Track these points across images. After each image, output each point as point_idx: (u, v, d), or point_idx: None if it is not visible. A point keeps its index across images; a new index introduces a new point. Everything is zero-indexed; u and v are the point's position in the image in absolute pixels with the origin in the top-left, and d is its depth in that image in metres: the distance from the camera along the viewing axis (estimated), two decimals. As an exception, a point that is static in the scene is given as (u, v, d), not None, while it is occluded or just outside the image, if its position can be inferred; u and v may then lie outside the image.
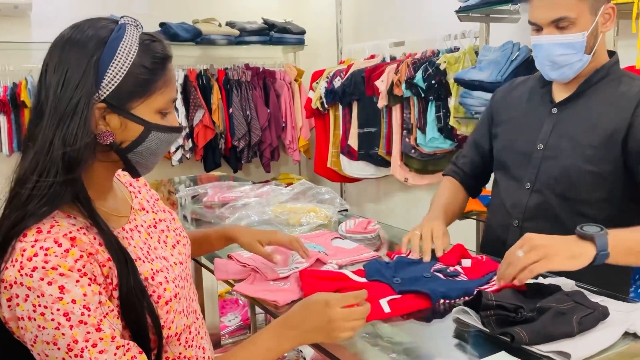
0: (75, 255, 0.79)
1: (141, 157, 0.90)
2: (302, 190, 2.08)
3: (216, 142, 4.03)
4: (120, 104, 0.85)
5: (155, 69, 0.87)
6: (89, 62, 0.82)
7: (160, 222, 1.04)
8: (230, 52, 4.28)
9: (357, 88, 3.36)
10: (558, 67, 1.34)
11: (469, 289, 1.19)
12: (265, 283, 1.30)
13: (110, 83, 0.83)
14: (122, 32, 0.85)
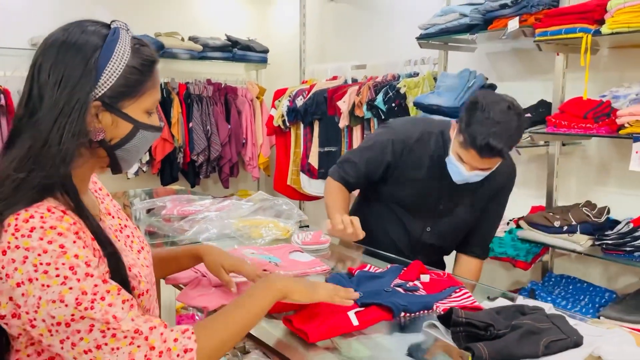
0: (69, 221, 0.83)
1: (127, 154, 0.94)
2: (261, 204, 2.09)
3: (174, 156, 3.98)
4: (113, 102, 0.89)
5: (145, 71, 0.92)
6: (88, 62, 0.86)
7: (125, 228, 1.06)
8: (192, 67, 4.26)
9: (319, 107, 3.42)
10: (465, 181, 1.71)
11: (428, 303, 1.23)
12: (208, 288, 1.31)
13: (106, 83, 0.88)
14: (117, 36, 0.90)
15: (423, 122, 1.90)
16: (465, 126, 1.59)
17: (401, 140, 1.82)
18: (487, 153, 1.56)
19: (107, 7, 3.96)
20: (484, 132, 1.54)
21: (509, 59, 2.78)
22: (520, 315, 1.10)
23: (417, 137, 1.81)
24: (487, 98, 1.61)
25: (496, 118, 1.54)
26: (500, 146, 1.55)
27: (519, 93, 2.70)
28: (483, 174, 1.67)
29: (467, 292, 1.29)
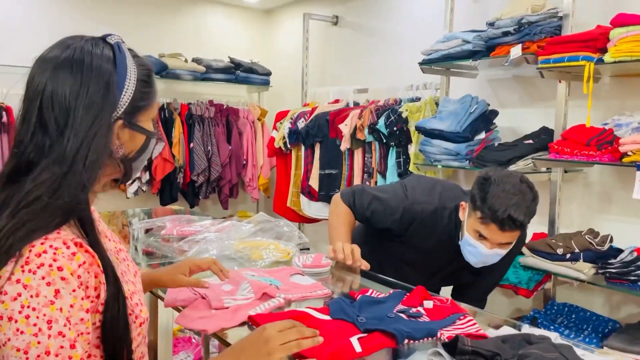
0: (79, 260, 0.80)
1: (140, 163, 0.97)
2: (262, 225, 2.07)
3: (174, 176, 3.97)
4: (131, 118, 0.91)
5: (150, 81, 0.94)
6: (109, 86, 0.86)
7: (120, 252, 1.03)
8: (195, 88, 4.29)
9: (320, 130, 3.42)
10: (484, 263, 1.70)
11: (432, 330, 1.20)
12: (207, 311, 1.30)
13: (124, 101, 0.89)
14: (123, 53, 0.90)
15: (441, 194, 1.83)
16: (481, 202, 1.58)
17: (413, 212, 1.80)
18: (510, 226, 1.55)
19: (111, 27, 4.00)
20: (504, 204, 1.54)
21: (511, 86, 2.79)
22: (526, 345, 1.08)
23: (431, 210, 1.79)
24: (498, 173, 1.63)
25: (512, 190, 1.55)
26: (522, 218, 1.55)
27: (520, 119, 2.74)
28: (502, 252, 1.64)
29: (471, 320, 1.27)
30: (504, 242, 1.62)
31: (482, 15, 2.77)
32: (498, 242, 1.61)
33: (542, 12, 2.30)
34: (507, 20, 2.34)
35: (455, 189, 1.88)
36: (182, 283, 1.32)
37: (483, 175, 1.63)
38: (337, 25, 3.98)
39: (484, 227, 1.59)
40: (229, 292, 1.43)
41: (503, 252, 1.65)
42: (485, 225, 1.59)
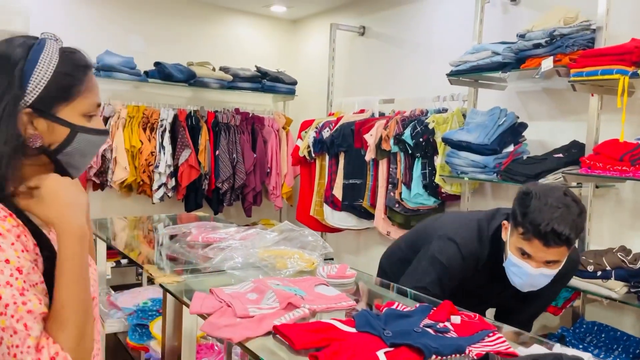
0: (12, 222, 0.87)
1: (71, 158, 0.97)
2: (287, 234, 2.07)
3: (200, 183, 4.01)
4: (45, 108, 0.92)
5: (77, 75, 0.95)
6: (14, 71, 0.90)
7: None
8: (222, 96, 4.34)
9: (345, 140, 3.42)
10: (531, 286, 1.60)
11: (461, 347, 1.18)
12: (232, 319, 1.30)
13: (35, 90, 0.91)
14: (42, 45, 0.94)
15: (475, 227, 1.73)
16: (522, 217, 1.50)
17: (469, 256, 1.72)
18: (554, 240, 1.47)
19: (142, 36, 4.08)
20: (547, 218, 1.46)
21: (540, 99, 2.75)
22: (559, 364, 1.05)
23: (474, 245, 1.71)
24: (539, 187, 1.55)
25: (555, 204, 1.48)
26: (567, 232, 1.46)
27: (549, 133, 2.69)
28: (550, 272, 1.55)
29: (501, 337, 1.24)
30: (550, 259, 1.52)
31: (512, 27, 2.74)
32: (543, 260, 1.52)
33: (574, 24, 2.26)
34: (538, 32, 2.31)
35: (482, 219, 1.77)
36: None
37: (523, 190, 1.56)
38: (364, 36, 3.98)
39: (527, 243, 1.51)
40: (254, 300, 1.43)
41: (551, 273, 1.55)
42: (528, 241, 1.50)
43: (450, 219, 1.87)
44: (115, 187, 3.80)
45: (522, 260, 1.55)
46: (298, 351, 1.15)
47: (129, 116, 3.78)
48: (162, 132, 3.85)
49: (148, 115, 3.85)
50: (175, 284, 1.60)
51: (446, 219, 1.91)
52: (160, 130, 3.85)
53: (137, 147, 3.77)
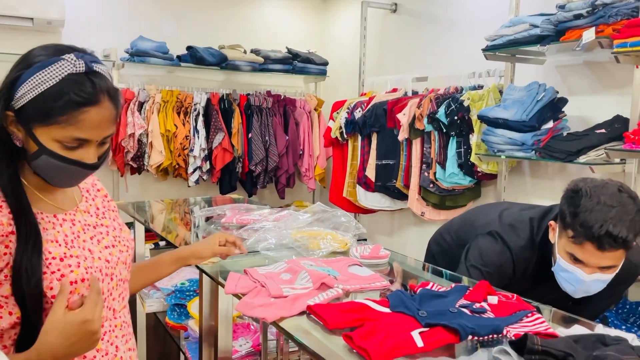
0: None
1: (42, 171, 0.99)
2: (319, 215, 2.07)
3: (233, 166, 4.04)
4: (23, 120, 0.96)
5: (61, 107, 0.94)
6: (13, 76, 0.96)
7: (100, 227, 1.14)
8: (253, 79, 4.34)
9: (377, 120, 3.38)
10: (585, 292, 1.46)
11: (499, 327, 1.15)
12: (266, 299, 1.31)
13: (21, 99, 0.95)
14: (48, 64, 0.94)
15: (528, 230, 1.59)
16: (572, 218, 1.36)
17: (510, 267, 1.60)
18: (609, 243, 1.33)
19: (174, 21, 4.11)
20: (600, 218, 1.32)
21: (581, 72, 2.64)
22: (601, 346, 1.02)
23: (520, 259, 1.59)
24: (589, 183, 1.40)
25: (609, 202, 1.33)
26: (624, 233, 1.31)
27: (591, 108, 2.58)
28: (605, 277, 1.40)
29: (540, 317, 1.21)
30: (605, 265, 1.37)
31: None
32: (598, 265, 1.38)
33: (618, -8, 2.15)
34: (579, 3, 2.21)
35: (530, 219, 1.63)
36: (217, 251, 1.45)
37: (572, 188, 1.41)
38: (396, 13, 3.90)
39: (578, 248, 1.38)
40: (288, 281, 1.44)
41: (606, 278, 1.40)
42: (580, 245, 1.37)
43: (502, 215, 1.71)
44: (152, 171, 3.87)
45: (573, 265, 1.41)
46: (332, 331, 1.15)
47: (163, 101, 3.83)
48: (196, 116, 3.89)
49: (182, 99, 3.89)
50: (210, 265, 1.62)
51: (496, 213, 1.75)
52: (193, 114, 3.89)
53: (172, 131, 3.82)
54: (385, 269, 1.68)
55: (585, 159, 2.18)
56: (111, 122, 1.00)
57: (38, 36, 3.66)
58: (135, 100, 3.77)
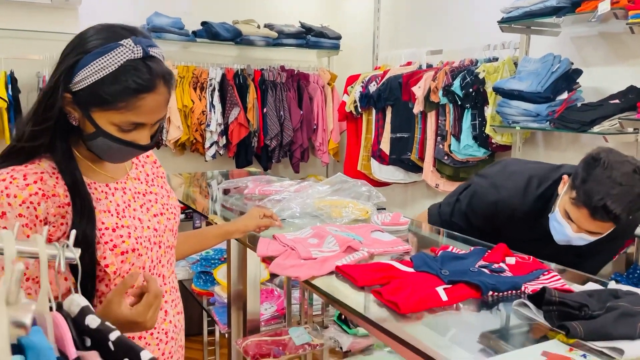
0: (31, 190, 0.98)
1: (97, 150, 1.05)
2: (340, 185, 2.14)
3: (249, 140, 4.12)
4: (81, 102, 1.00)
5: (118, 93, 0.97)
6: (73, 60, 0.98)
7: (149, 194, 1.20)
8: (267, 54, 4.38)
9: (392, 93, 3.42)
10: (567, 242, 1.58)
11: (517, 283, 1.23)
12: (296, 260, 1.40)
13: (80, 83, 0.98)
14: (108, 50, 0.97)
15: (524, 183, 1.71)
16: (581, 182, 1.45)
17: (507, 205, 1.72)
18: (601, 215, 1.43)
19: (189, -4, 4.13)
20: (603, 192, 1.40)
21: (596, 43, 2.67)
22: (613, 299, 1.09)
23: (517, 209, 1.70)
24: (611, 156, 1.46)
25: (618, 179, 1.41)
26: (618, 211, 1.40)
27: (605, 79, 2.62)
28: (589, 238, 1.52)
29: (556, 275, 1.28)
30: (592, 230, 1.49)
31: (566, -31, 2.63)
32: (586, 229, 1.49)
33: (634, -38, 2.16)
34: (595, -27, 2.23)
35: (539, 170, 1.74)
36: (259, 224, 1.56)
37: (593, 155, 1.49)
38: (410, -14, 3.90)
39: (575, 209, 1.48)
40: (315, 245, 1.52)
41: (591, 238, 1.52)
42: (577, 207, 1.47)
43: (507, 167, 1.84)
44: (170, 146, 3.96)
45: (565, 221, 1.53)
46: (361, 288, 1.24)
47: (179, 76, 3.89)
48: (212, 92, 3.95)
49: (197, 75, 3.95)
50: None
51: (503, 165, 1.88)
52: (209, 89, 3.95)
53: (189, 106, 3.89)
54: (405, 235, 1.76)
55: (599, 129, 2.22)
56: (165, 105, 1.04)
57: (56, 13, 3.71)
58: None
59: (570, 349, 0.96)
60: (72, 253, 0.71)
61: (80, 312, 0.73)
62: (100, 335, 0.71)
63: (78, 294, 0.75)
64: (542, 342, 0.99)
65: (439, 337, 1.05)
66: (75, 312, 0.74)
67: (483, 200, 1.76)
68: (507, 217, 1.71)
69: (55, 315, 0.70)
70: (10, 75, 3.46)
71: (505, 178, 1.75)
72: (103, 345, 0.71)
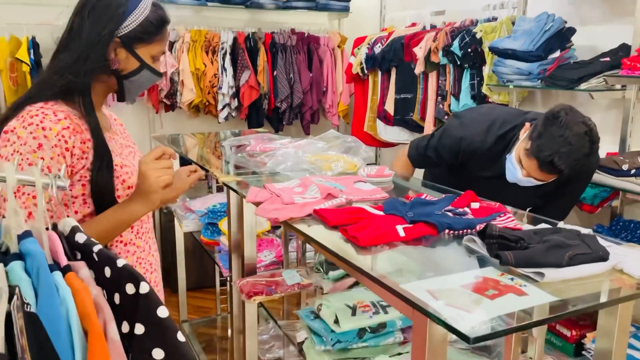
0: (63, 125, 1.16)
1: (131, 85, 1.28)
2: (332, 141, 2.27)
3: (260, 103, 4.25)
4: (129, 42, 1.24)
5: (158, 25, 1.26)
6: (117, 10, 1.21)
7: (128, 147, 1.41)
8: (278, 17, 4.45)
9: (396, 54, 3.49)
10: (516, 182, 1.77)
11: (472, 223, 1.36)
12: (280, 205, 1.55)
13: (127, 27, 1.22)
14: None
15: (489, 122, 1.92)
16: (537, 136, 1.62)
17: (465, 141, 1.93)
18: (547, 169, 1.62)
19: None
20: (553, 149, 1.58)
21: (592, 1, 2.68)
22: (553, 234, 1.21)
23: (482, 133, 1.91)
24: (569, 116, 1.62)
25: (569, 139, 1.57)
26: (563, 167, 1.59)
27: (600, 37, 2.65)
28: (536, 182, 1.73)
29: (510, 216, 1.41)
30: (538, 178, 1.68)
31: None
32: (533, 176, 1.69)
33: None
34: None
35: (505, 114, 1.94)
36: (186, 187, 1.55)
37: (554, 112, 1.65)
38: (417, -54, 3.91)
39: (526, 157, 1.67)
40: (299, 192, 1.67)
41: (536, 183, 1.72)
42: (528, 157, 1.66)
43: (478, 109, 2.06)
44: (184, 108, 4.12)
45: (517, 164, 1.71)
46: (333, 227, 1.38)
47: (192, 40, 4.02)
48: (223, 55, 4.07)
49: (209, 38, 4.06)
50: (235, 182, 1.87)
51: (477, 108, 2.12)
52: (221, 53, 4.07)
53: (202, 69, 4.03)
54: (389, 186, 1.89)
55: (586, 86, 2.28)
56: None
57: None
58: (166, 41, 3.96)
59: (501, 274, 1.09)
60: (63, 182, 0.86)
61: (71, 230, 0.90)
62: (87, 249, 0.88)
63: (70, 217, 0.92)
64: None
65: (391, 265, 1.19)
66: (67, 231, 0.90)
67: (451, 136, 1.96)
68: (470, 152, 1.90)
69: (50, 233, 0.87)
70: (32, 40, 3.64)
71: (473, 118, 1.95)
72: (89, 257, 0.87)
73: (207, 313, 3.63)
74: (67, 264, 0.84)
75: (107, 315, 0.79)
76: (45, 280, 0.75)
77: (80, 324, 0.76)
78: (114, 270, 0.82)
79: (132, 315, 0.79)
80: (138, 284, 0.79)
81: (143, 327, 0.78)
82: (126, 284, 0.80)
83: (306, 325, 1.64)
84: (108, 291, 0.83)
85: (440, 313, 0.91)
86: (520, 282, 1.05)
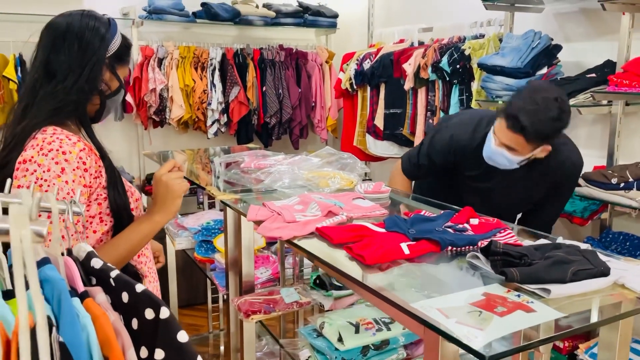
0: (80, 147, 1.21)
1: (111, 105, 1.36)
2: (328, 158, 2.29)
3: (249, 118, 4.26)
4: (112, 63, 1.32)
5: (128, 49, 1.37)
6: (105, 36, 1.28)
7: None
8: (266, 33, 4.49)
9: (385, 70, 3.54)
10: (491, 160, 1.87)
11: (474, 240, 1.38)
12: (282, 223, 1.56)
13: (111, 50, 1.30)
14: (115, 23, 1.35)
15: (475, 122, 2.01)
16: (507, 104, 1.72)
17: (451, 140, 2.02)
18: (512, 125, 1.68)
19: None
20: (520, 105, 1.66)
21: (577, 19, 2.76)
22: (554, 250, 1.24)
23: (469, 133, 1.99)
24: (543, 85, 1.73)
25: (537, 100, 1.65)
26: (525, 124, 1.64)
27: (585, 54, 2.72)
28: (509, 156, 1.78)
29: (510, 232, 1.44)
30: (507, 143, 1.74)
31: (549, -53, 2.72)
32: (502, 141, 1.75)
33: (609, -59, 2.25)
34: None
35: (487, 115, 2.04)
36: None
37: (526, 84, 1.78)
38: (403, -36, 3.98)
39: (498, 123, 1.75)
40: (300, 210, 1.68)
41: (509, 156, 1.77)
42: (499, 120, 1.75)
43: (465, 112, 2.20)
44: (173, 124, 4.11)
45: (492, 136, 1.79)
46: (336, 245, 1.40)
47: (181, 56, 4.02)
48: (212, 71, 4.08)
49: (198, 55, 4.08)
50: (233, 200, 1.87)
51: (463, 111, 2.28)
52: (210, 69, 4.08)
53: (191, 85, 4.03)
54: (386, 202, 1.92)
55: (573, 102, 2.34)
56: None
57: (60, -3, 3.84)
58: (154, 56, 3.97)
59: (507, 291, 1.11)
60: (78, 208, 0.86)
61: (87, 256, 0.90)
62: (103, 274, 0.88)
63: (84, 242, 0.91)
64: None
65: (398, 283, 1.21)
66: (82, 257, 0.90)
67: (441, 137, 2.04)
68: (461, 149, 1.98)
69: (66, 258, 0.86)
70: (19, 58, 3.61)
71: (461, 119, 2.07)
72: (105, 282, 0.87)
73: (198, 331, 3.60)
74: (84, 290, 0.84)
75: (125, 341, 0.79)
76: (67, 307, 0.75)
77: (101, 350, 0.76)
78: (132, 296, 0.82)
79: (151, 340, 0.79)
80: (158, 309, 0.79)
81: (163, 352, 0.78)
82: (145, 309, 0.80)
83: (309, 344, 1.64)
84: (125, 316, 0.83)
85: (452, 331, 0.92)
86: (527, 298, 1.08)
